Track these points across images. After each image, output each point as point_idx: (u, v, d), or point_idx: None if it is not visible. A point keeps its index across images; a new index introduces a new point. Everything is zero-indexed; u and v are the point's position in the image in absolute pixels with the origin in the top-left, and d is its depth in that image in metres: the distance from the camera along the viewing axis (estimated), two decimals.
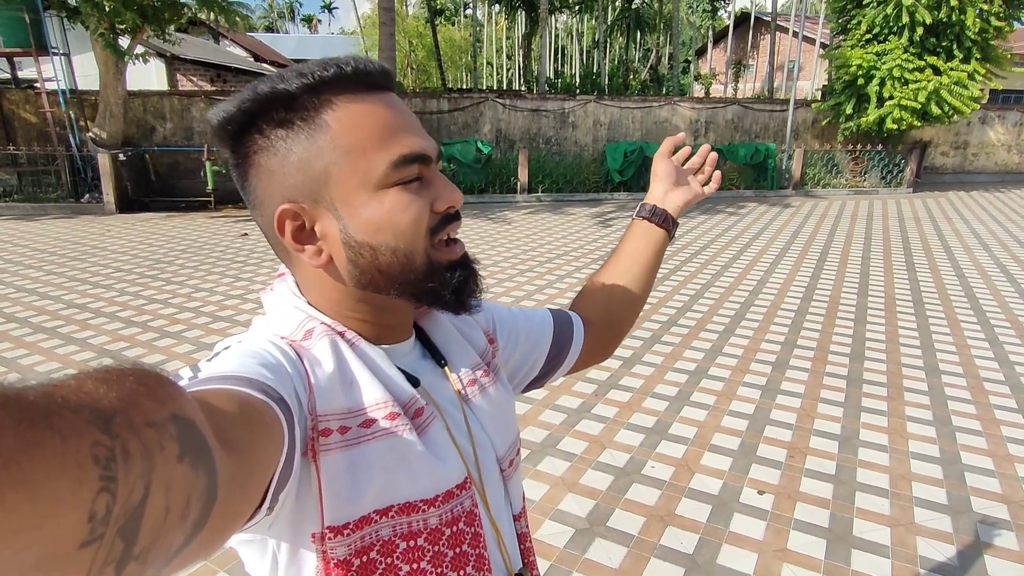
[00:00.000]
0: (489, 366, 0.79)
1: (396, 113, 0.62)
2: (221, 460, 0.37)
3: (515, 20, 30.71)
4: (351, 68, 0.60)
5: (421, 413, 0.65)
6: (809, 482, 3.15)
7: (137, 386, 0.31)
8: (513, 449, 0.79)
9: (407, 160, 0.61)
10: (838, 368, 4.54)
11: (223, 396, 0.47)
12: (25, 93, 11.94)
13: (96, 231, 9.48)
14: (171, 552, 0.32)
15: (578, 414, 3.84)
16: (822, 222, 10.72)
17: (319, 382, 0.60)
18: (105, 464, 0.26)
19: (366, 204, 0.61)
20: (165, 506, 0.30)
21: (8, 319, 5.46)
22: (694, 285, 6.69)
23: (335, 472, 0.58)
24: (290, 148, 0.60)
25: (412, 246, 0.62)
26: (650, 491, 3.07)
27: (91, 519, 0.26)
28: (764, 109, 15.41)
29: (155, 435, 0.30)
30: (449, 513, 0.64)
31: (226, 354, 0.56)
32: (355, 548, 0.59)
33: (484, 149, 12.44)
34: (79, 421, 0.26)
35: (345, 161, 0.60)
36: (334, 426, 0.59)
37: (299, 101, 0.59)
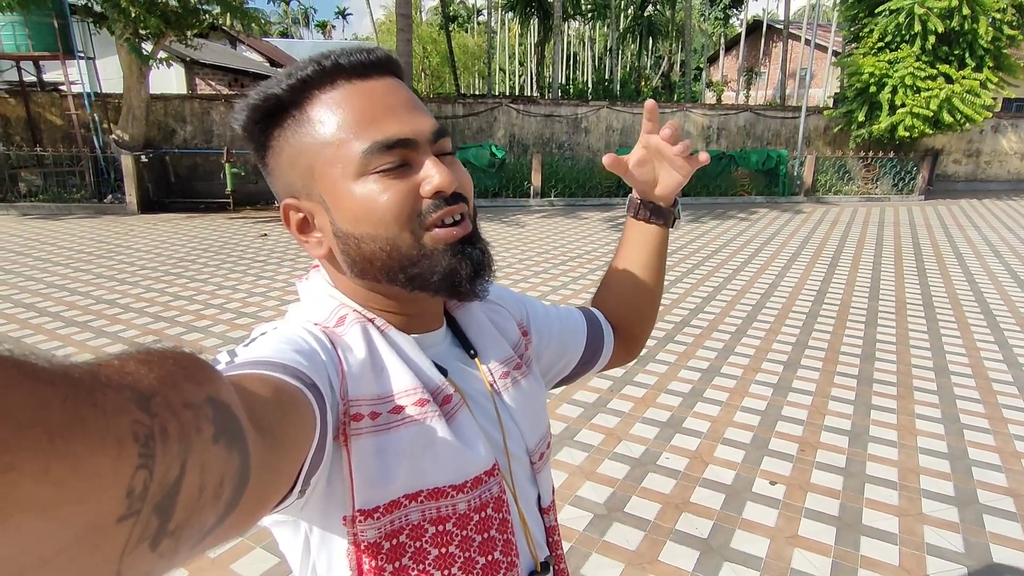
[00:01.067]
0: (522, 358, 0.80)
1: (379, 98, 0.62)
2: (254, 443, 0.38)
3: (528, 27, 30.97)
4: (330, 62, 0.61)
5: (449, 400, 0.66)
6: (820, 474, 3.25)
7: (176, 368, 0.32)
8: (543, 442, 0.79)
9: (382, 147, 0.60)
10: (849, 368, 4.64)
11: (258, 381, 0.48)
12: (51, 96, 12.23)
13: (120, 230, 9.71)
14: (204, 530, 0.33)
15: (594, 408, 3.95)
16: (833, 228, 10.78)
17: (351, 368, 0.61)
18: (144, 442, 0.27)
19: (346, 195, 0.61)
20: (199, 485, 0.31)
21: (40, 313, 5.65)
22: (706, 288, 6.80)
23: (365, 457, 0.59)
24: (283, 147, 0.63)
25: (392, 233, 0.62)
26: (665, 480, 3.18)
27: (129, 495, 0.26)
28: (776, 116, 15.49)
29: (192, 416, 0.31)
30: (477, 499, 0.65)
31: (262, 340, 0.58)
32: (385, 531, 0.60)
33: (498, 154, 12.60)
34: (121, 399, 0.27)
35: (325, 153, 0.61)
36: (365, 411, 0.60)
37: (285, 100, 0.61)
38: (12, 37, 10.68)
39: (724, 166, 13.56)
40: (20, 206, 11.05)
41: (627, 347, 1.00)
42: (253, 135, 0.64)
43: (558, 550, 0.79)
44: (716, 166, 13.48)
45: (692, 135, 15.14)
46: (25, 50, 10.89)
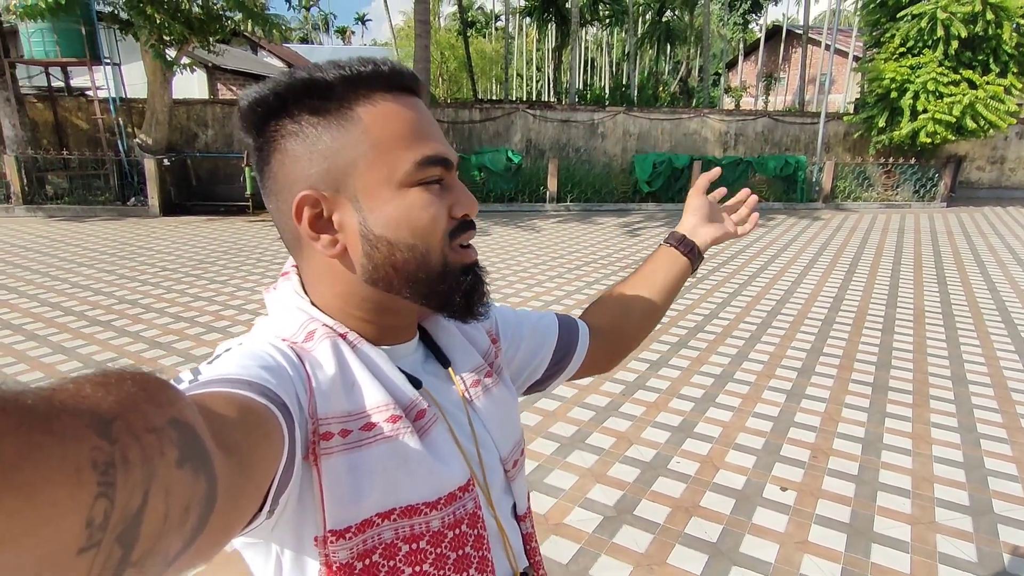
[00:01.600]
0: (492, 366, 0.79)
1: (423, 117, 0.65)
2: (220, 465, 0.37)
3: (546, 33, 31.06)
4: (388, 68, 0.63)
5: (423, 415, 0.65)
6: (832, 481, 3.24)
7: (136, 390, 0.31)
8: (517, 449, 0.79)
9: (431, 161, 0.63)
10: (864, 375, 4.60)
11: (223, 400, 0.47)
12: (78, 100, 12.52)
13: (142, 232, 9.90)
14: (170, 557, 0.32)
15: (606, 412, 3.97)
16: (852, 235, 10.68)
17: (320, 385, 0.60)
18: (104, 470, 0.26)
19: (389, 200, 0.62)
20: (164, 512, 0.30)
21: (66, 312, 5.79)
22: (721, 293, 6.77)
23: (336, 475, 0.58)
24: (320, 136, 0.61)
25: (429, 245, 0.63)
26: (675, 484, 3.19)
27: (89, 525, 0.25)
28: (795, 122, 15.39)
29: (155, 440, 0.30)
30: (452, 516, 0.64)
31: (227, 356, 0.56)
32: (357, 551, 0.59)
33: (514, 158, 12.66)
34: (78, 425, 0.26)
35: (373, 154, 0.61)
36: (335, 429, 0.59)
37: (335, 91, 0.61)
38: (41, 44, 10.97)
39: (741, 172, 13.49)
40: (47, 208, 11.31)
41: (609, 355, 1.01)
42: (271, 111, 0.61)
43: (536, 557, 0.79)
44: (733, 172, 13.41)
45: (709, 140, 15.09)
46: (53, 56, 11.17)
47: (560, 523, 2.86)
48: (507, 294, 6.67)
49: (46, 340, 5.07)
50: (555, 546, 2.69)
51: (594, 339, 0.97)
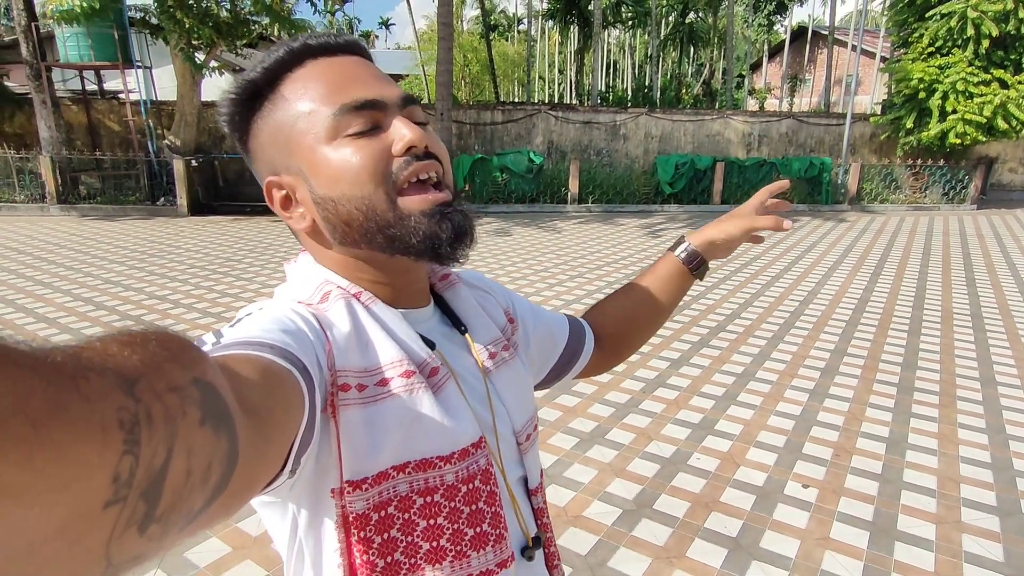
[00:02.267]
0: (509, 341, 0.80)
1: (347, 69, 0.64)
2: (242, 425, 0.38)
3: (568, 35, 31.08)
4: (299, 44, 0.64)
5: (436, 372, 0.66)
6: (855, 479, 3.21)
7: (160, 350, 0.32)
8: (531, 424, 0.79)
9: (351, 108, 0.62)
10: (889, 376, 4.54)
11: (245, 362, 0.47)
12: (110, 103, 12.84)
13: (171, 231, 10.12)
14: (192, 513, 0.33)
15: (626, 408, 3.97)
16: (878, 237, 10.52)
17: (337, 342, 0.61)
18: (129, 428, 0.27)
19: (322, 160, 0.63)
20: (187, 470, 0.31)
21: (97, 307, 5.95)
22: (744, 293, 6.73)
23: (353, 428, 0.59)
24: (261, 128, 0.65)
25: (367, 191, 0.62)
26: (695, 480, 3.18)
27: (115, 481, 0.26)
28: (820, 123, 15.21)
29: (178, 400, 0.31)
30: (465, 470, 0.65)
31: (248, 320, 0.57)
32: (373, 503, 0.60)
33: (536, 159, 12.69)
34: (105, 385, 0.27)
35: (300, 123, 0.63)
36: (352, 383, 0.60)
37: (260, 86, 0.64)
38: (76, 47, 11.29)
39: (765, 173, 13.37)
40: (80, 207, 11.61)
41: (607, 359, 1.03)
42: (236, 125, 0.66)
43: (548, 532, 0.79)
44: (756, 173, 13.30)
45: (733, 142, 14.97)
46: (87, 60, 11.49)
47: (579, 515, 2.87)
48: (528, 294, 6.69)
49: (78, 333, 5.22)
50: (574, 538, 2.71)
51: (596, 343, 0.98)
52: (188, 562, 2.54)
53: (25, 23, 10.84)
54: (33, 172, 11.52)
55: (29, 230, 10.05)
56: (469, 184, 12.71)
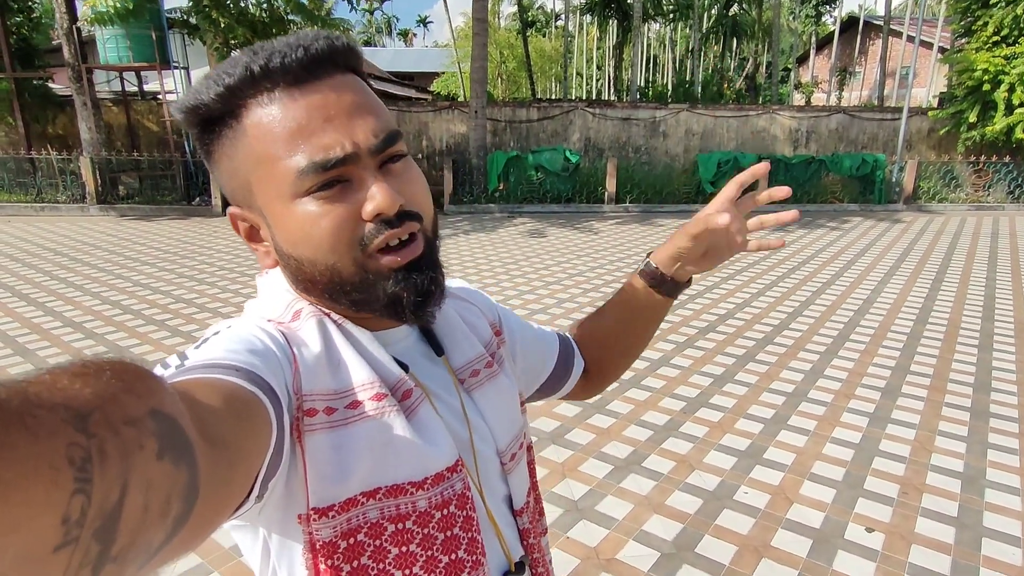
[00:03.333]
0: (494, 356, 0.77)
1: (315, 108, 0.55)
2: (203, 455, 0.36)
3: (607, 30, 30.53)
4: (258, 67, 0.55)
5: (410, 395, 0.63)
6: (926, 523, 2.83)
7: (115, 381, 0.30)
8: (516, 443, 0.76)
9: (318, 168, 0.55)
10: (959, 399, 4.10)
11: (208, 387, 0.46)
12: (149, 104, 12.99)
13: (204, 232, 10.14)
14: (152, 549, 0.32)
15: (665, 431, 3.65)
16: (938, 239, 9.88)
17: (305, 362, 0.58)
18: (80, 465, 0.26)
19: (284, 215, 0.58)
20: (144, 505, 0.29)
21: (124, 311, 5.89)
22: (792, 302, 6.30)
23: (320, 453, 0.57)
24: (221, 156, 0.59)
25: (332, 259, 0.58)
26: (743, 519, 2.85)
27: (65, 522, 0.25)
28: (873, 118, 14.47)
29: (134, 433, 0.29)
30: (439, 496, 0.62)
31: (215, 340, 0.54)
32: (341, 530, 0.57)
33: (572, 158, 12.36)
34: (54, 420, 0.25)
35: (260, 171, 0.57)
36: (319, 406, 0.58)
37: (216, 110, 0.57)
38: (115, 49, 11.43)
39: (813, 171, 12.76)
40: (119, 207, 11.77)
41: (592, 386, 0.98)
42: (195, 138, 0.60)
43: (535, 553, 0.75)
44: (805, 171, 12.70)
45: (779, 139, 14.36)
46: (126, 61, 11.62)
47: (612, 558, 2.58)
48: (561, 299, 6.40)
49: (103, 339, 5.14)
50: None
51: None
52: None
53: (67, 26, 11.01)
54: (74, 173, 11.72)
55: (68, 230, 10.20)
56: (503, 183, 12.46)
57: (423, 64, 33.32)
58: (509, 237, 9.99)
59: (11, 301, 6.17)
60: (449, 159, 12.68)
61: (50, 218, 11.40)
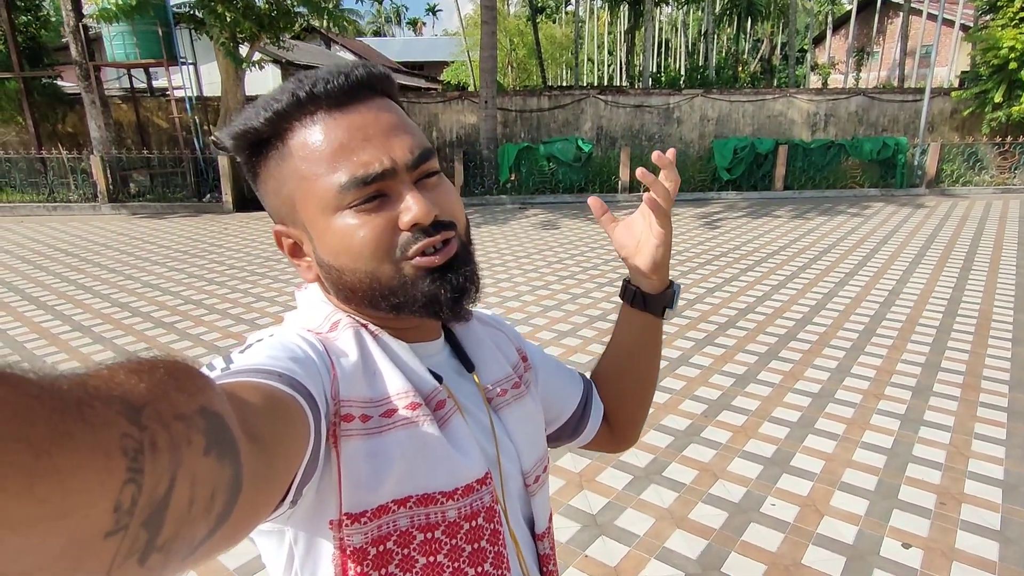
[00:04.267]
0: (521, 379, 0.78)
1: (356, 129, 0.60)
2: (247, 454, 0.37)
3: (617, 15, 30.04)
4: (305, 92, 0.59)
5: (443, 406, 0.64)
6: (967, 537, 2.67)
7: (167, 378, 0.31)
8: (540, 466, 0.76)
9: (357, 183, 0.59)
10: (995, 398, 3.91)
11: (252, 389, 0.47)
12: (158, 101, 12.94)
13: (215, 229, 10.08)
14: (195, 543, 0.33)
15: (686, 436, 3.51)
16: (963, 224, 9.58)
17: (343, 370, 0.60)
18: (133, 456, 0.27)
19: (326, 229, 0.61)
20: (190, 498, 0.31)
21: (133, 313, 5.83)
22: (814, 294, 6.10)
23: (355, 459, 0.58)
24: (267, 176, 0.63)
25: (371, 267, 0.61)
26: (772, 534, 2.71)
27: (117, 509, 0.26)
28: (894, 100, 14.08)
29: (183, 428, 0.30)
30: (468, 507, 0.63)
31: (258, 346, 0.56)
32: (372, 537, 0.58)
33: (584, 147, 12.15)
34: (109, 412, 0.26)
35: (303, 187, 0.61)
36: (356, 413, 0.59)
37: (264, 134, 0.61)
38: (123, 46, 11.36)
39: (833, 156, 12.44)
40: (130, 206, 11.75)
41: (615, 436, 0.95)
42: (243, 160, 0.64)
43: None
44: (824, 156, 12.39)
45: (796, 123, 14.02)
46: (133, 58, 11.55)
47: None
48: (575, 294, 6.25)
49: (111, 343, 5.08)
50: None
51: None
52: None
53: (74, 24, 10.94)
54: (85, 171, 11.70)
55: (80, 230, 10.19)
56: (515, 174, 12.28)
57: (433, 53, 33.08)
58: (521, 229, 9.84)
59: (20, 305, 6.13)
60: (460, 151, 12.51)
61: (63, 217, 11.40)
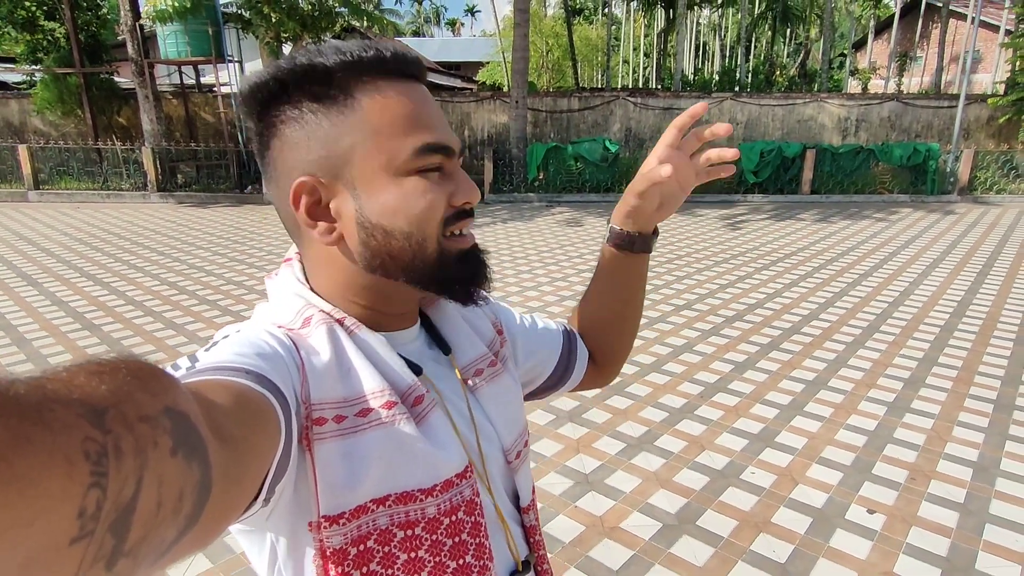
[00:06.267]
0: (497, 356, 0.79)
1: (425, 103, 0.64)
2: (215, 453, 0.37)
3: (653, 17, 30.08)
4: (390, 54, 0.61)
5: (421, 401, 0.64)
6: (930, 507, 2.89)
7: (130, 379, 0.31)
8: (520, 440, 0.78)
9: (431, 149, 0.62)
10: (985, 391, 4.08)
11: (219, 388, 0.47)
12: (205, 96, 13.60)
13: (255, 219, 10.62)
14: (164, 546, 0.32)
15: (681, 413, 3.77)
16: (990, 231, 9.54)
17: (314, 371, 0.59)
18: (96, 460, 0.26)
19: (385, 187, 0.61)
20: (157, 501, 0.30)
21: (180, 291, 6.31)
22: (825, 292, 6.26)
23: (330, 461, 0.58)
24: (319, 122, 0.60)
25: (425, 233, 0.63)
26: (747, 496, 2.97)
27: (81, 515, 0.25)
28: (928, 106, 13.96)
29: (148, 429, 0.30)
30: (448, 502, 0.64)
31: (224, 343, 0.56)
32: (351, 537, 0.59)
33: (611, 148, 12.37)
34: (70, 415, 0.26)
35: (371, 142, 0.61)
36: (329, 415, 0.59)
37: (334, 77, 0.60)
38: (175, 45, 12.01)
39: (862, 161, 12.42)
40: (177, 195, 12.41)
41: (601, 372, 0.99)
42: (272, 96, 0.61)
43: (540, 550, 0.78)
44: (852, 161, 12.38)
45: (827, 127, 14.00)
46: (184, 56, 12.20)
47: (616, 527, 2.74)
48: None
49: (161, 316, 5.55)
50: (607, 550, 2.58)
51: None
52: None
53: (131, 23, 11.63)
54: (137, 162, 12.40)
55: (131, 216, 10.84)
56: (543, 173, 12.58)
57: (470, 53, 33.50)
58: (546, 226, 10.13)
59: (81, 281, 6.68)
60: (490, 149, 12.87)
61: (115, 204, 12.11)
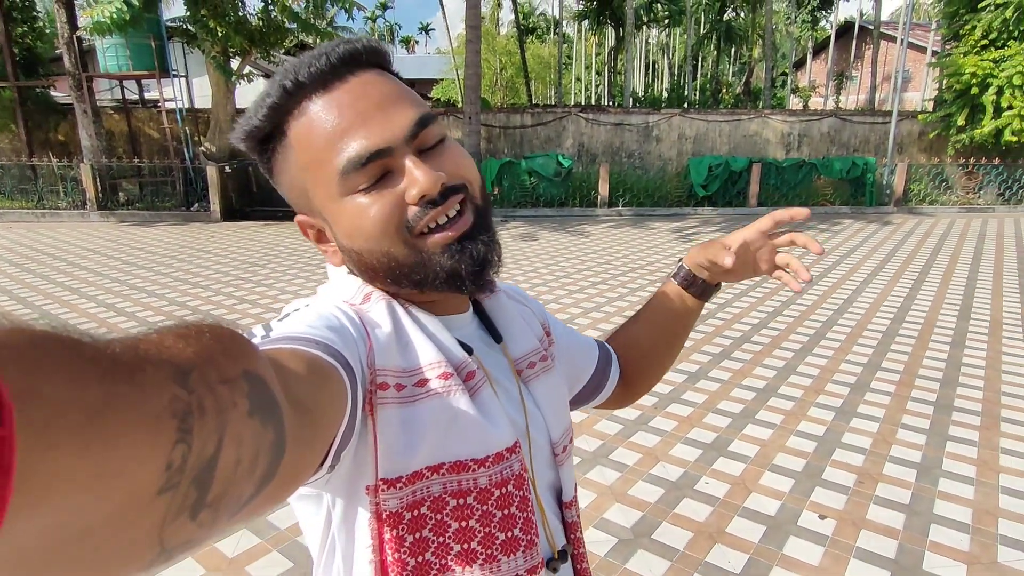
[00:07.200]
0: (547, 352, 0.80)
1: (346, 108, 0.60)
2: (289, 417, 0.39)
3: (604, 36, 30.73)
4: (291, 82, 0.59)
5: (473, 376, 0.66)
6: (878, 510, 2.94)
7: (213, 343, 0.33)
8: (566, 436, 0.79)
9: (356, 165, 0.59)
10: (925, 393, 4.21)
11: (293, 356, 0.49)
12: (149, 112, 13.18)
13: (202, 237, 10.29)
14: (241, 501, 0.34)
15: (635, 425, 3.77)
16: (925, 240, 9.98)
17: (378, 340, 0.62)
18: (182, 417, 0.28)
19: (337, 213, 0.63)
20: (236, 459, 0.32)
21: (118, 313, 6.03)
22: (773, 302, 6.41)
23: (390, 426, 0.60)
24: (279, 171, 0.65)
25: (385, 246, 0.62)
26: (701, 507, 2.96)
27: (168, 468, 0.27)
28: (864, 121, 14.58)
29: (228, 391, 0.32)
30: (499, 475, 0.65)
31: (296, 316, 0.59)
32: (407, 502, 0.60)
33: (565, 163, 12.49)
34: (159, 376, 0.28)
35: (308, 177, 0.62)
36: (391, 382, 0.60)
37: (266, 129, 0.62)
38: (115, 58, 11.62)
39: (804, 174, 12.87)
40: (119, 213, 11.93)
41: (626, 394, 1.01)
42: (258, 160, 0.67)
43: (580, 548, 0.78)
44: (796, 174, 12.81)
45: (771, 142, 14.48)
46: (126, 70, 11.81)
47: None
48: (546, 300, 6.52)
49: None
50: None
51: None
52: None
53: (68, 36, 11.20)
54: (75, 179, 11.89)
55: (68, 236, 10.36)
56: (497, 188, 12.60)
57: (424, 71, 33.52)
58: (501, 241, 10.10)
59: (10, 304, 6.32)
60: None
61: (51, 224, 11.57)
